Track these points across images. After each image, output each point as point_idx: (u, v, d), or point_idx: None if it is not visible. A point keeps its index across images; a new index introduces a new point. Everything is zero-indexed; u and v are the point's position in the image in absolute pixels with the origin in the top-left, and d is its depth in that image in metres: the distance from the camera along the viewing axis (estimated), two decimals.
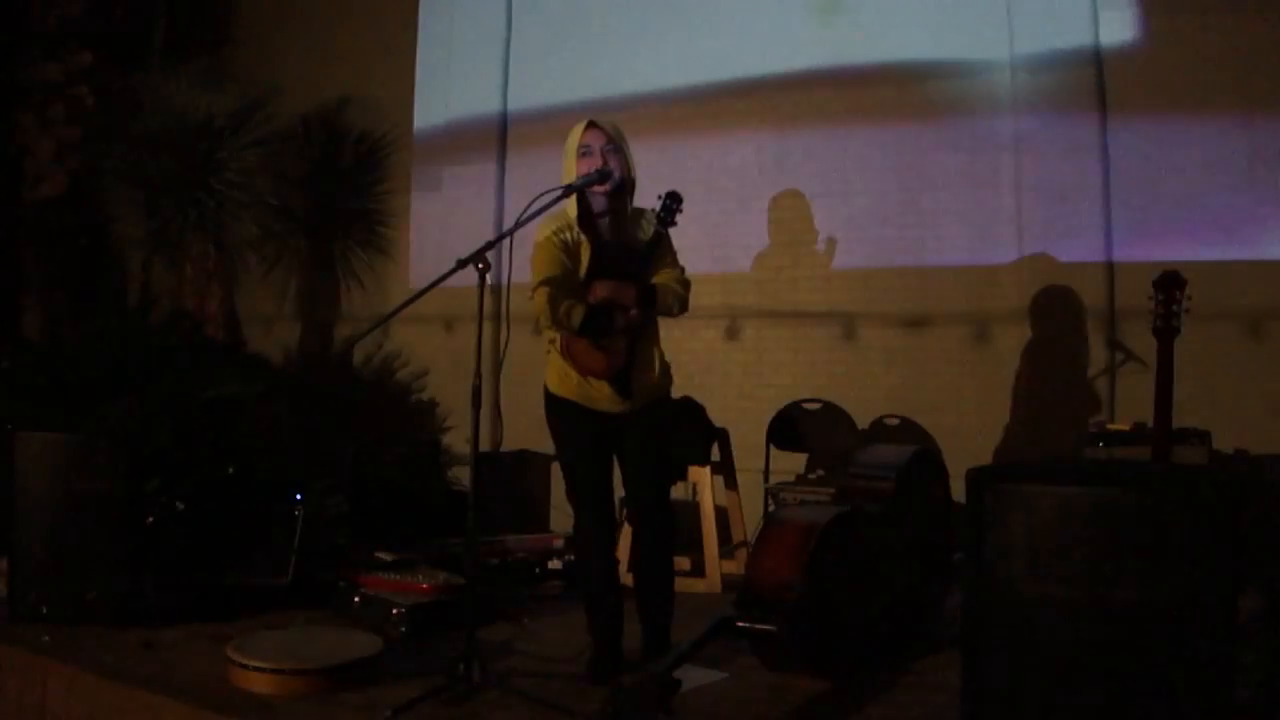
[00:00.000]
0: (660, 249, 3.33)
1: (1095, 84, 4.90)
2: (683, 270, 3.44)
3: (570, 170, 3.32)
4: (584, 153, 3.29)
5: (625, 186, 3.34)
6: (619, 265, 3.27)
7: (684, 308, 3.40)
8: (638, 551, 3.46)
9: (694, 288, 5.11)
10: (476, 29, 6.63)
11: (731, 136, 5.80)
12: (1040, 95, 5.01)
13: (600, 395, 3.30)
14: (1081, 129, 4.91)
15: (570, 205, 3.32)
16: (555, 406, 3.39)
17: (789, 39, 5.62)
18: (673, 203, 3.33)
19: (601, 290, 3.22)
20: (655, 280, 3.31)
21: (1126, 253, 4.80)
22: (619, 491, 3.51)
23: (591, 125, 3.31)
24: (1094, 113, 4.89)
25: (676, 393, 5.11)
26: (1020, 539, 2.09)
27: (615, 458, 3.42)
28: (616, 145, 3.30)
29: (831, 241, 5.47)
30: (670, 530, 3.43)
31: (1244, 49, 4.56)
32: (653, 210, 3.36)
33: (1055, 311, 4.93)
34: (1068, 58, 4.94)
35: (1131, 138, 4.84)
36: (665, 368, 3.42)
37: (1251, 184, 4.55)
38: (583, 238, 3.31)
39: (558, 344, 3.30)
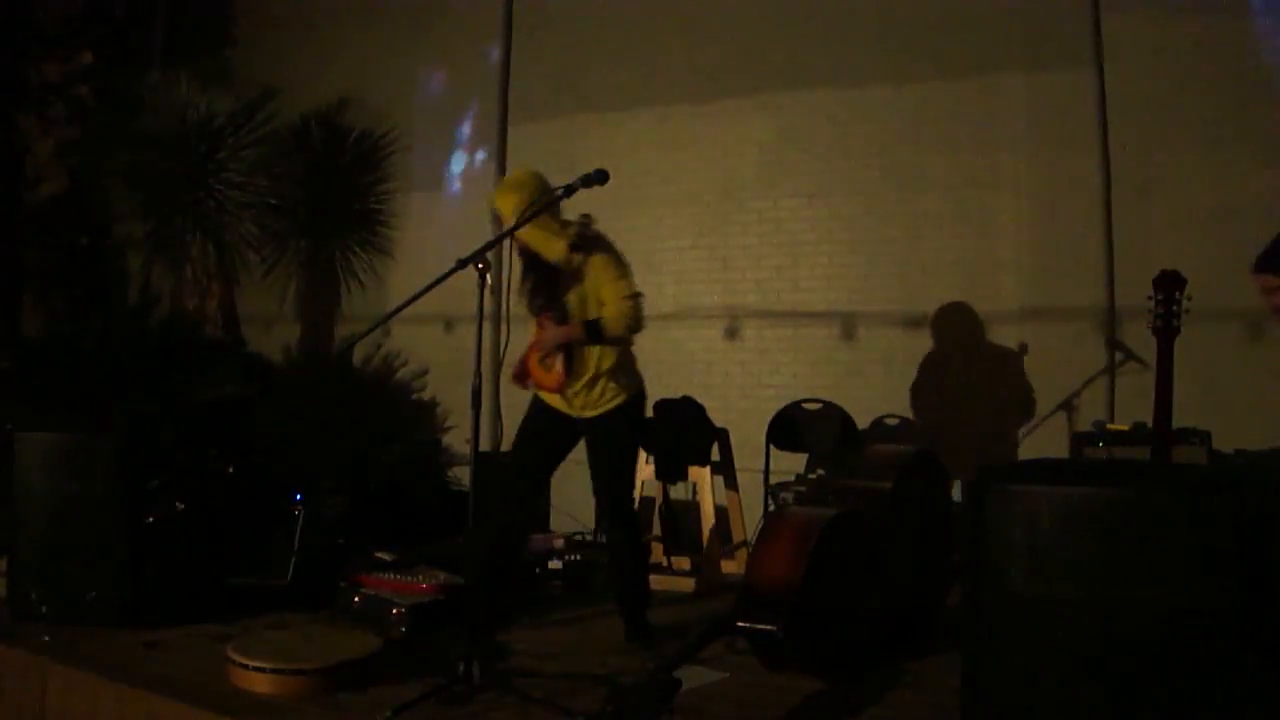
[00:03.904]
0: (577, 277, 3.50)
1: (1097, 83, 4.91)
2: (624, 290, 3.53)
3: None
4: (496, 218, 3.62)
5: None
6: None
7: (629, 328, 3.52)
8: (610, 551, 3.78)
9: (695, 287, 5.13)
10: (474, 23, 6.64)
11: (732, 136, 5.80)
12: (1041, 96, 5.02)
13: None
14: (1082, 127, 4.92)
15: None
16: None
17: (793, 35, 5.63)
18: (583, 226, 3.53)
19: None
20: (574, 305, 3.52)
21: (1126, 250, 4.81)
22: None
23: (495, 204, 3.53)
24: (1095, 113, 4.90)
25: (676, 392, 5.15)
26: (1020, 539, 2.10)
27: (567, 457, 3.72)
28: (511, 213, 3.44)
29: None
30: (627, 534, 3.70)
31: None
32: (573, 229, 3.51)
33: (1055, 311, 4.93)
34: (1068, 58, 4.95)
35: (1132, 134, 4.85)
36: (612, 380, 3.57)
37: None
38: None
39: None
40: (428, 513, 4.86)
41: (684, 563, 5.00)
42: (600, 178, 3.23)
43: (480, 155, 6.57)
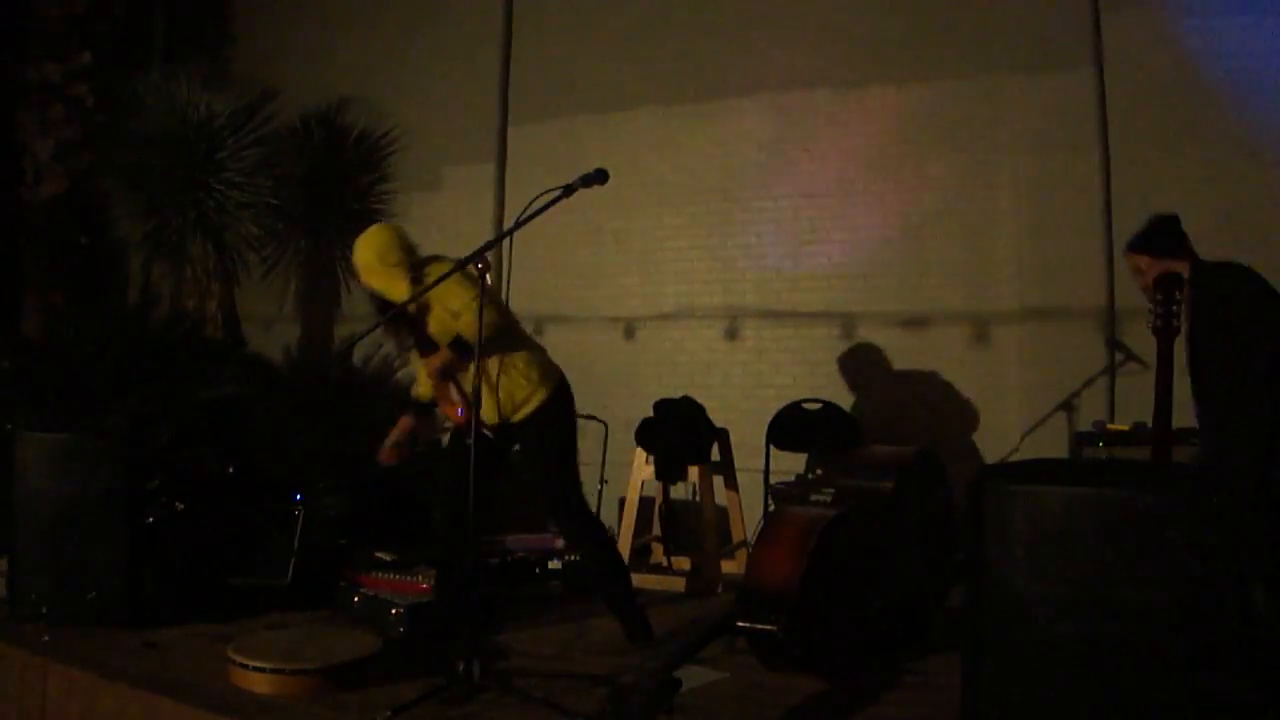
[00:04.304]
0: (428, 305, 3.53)
1: (1097, 83, 4.91)
2: (467, 294, 3.44)
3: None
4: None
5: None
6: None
7: (459, 342, 3.49)
8: None
9: (695, 287, 4.92)
10: (474, 23, 6.64)
11: (732, 136, 5.80)
12: (1041, 96, 5.02)
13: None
14: (1082, 127, 4.92)
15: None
16: None
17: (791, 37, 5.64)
18: (410, 256, 3.66)
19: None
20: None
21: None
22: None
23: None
24: (1095, 113, 4.90)
25: (676, 392, 5.15)
26: (1020, 539, 2.10)
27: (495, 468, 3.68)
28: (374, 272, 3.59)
29: None
30: (578, 529, 3.69)
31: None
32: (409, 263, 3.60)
33: (1055, 311, 4.93)
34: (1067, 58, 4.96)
35: (1132, 134, 4.85)
36: (523, 380, 3.55)
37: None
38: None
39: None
40: (427, 513, 4.86)
41: (684, 563, 5.01)
42: (600, 178, 3.23)
43: (480, 155, 6.56)
